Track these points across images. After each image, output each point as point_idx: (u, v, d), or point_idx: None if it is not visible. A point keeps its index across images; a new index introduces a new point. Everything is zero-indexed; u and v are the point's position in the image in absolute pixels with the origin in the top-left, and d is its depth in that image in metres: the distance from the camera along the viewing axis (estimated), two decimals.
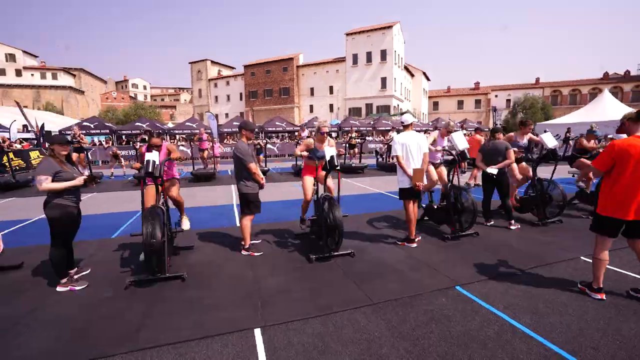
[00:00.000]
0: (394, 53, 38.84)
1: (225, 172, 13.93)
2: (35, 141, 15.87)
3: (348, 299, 3.03)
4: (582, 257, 3.92)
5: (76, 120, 25.87)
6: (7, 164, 10.76)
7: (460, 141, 4.56)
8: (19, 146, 14.39)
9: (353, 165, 12.56)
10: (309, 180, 4.51)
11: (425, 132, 23.67)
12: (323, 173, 4.31)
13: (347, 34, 41.01)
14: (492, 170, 4.85)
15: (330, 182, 4.60)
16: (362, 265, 3.82)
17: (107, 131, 18.77)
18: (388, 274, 3.55)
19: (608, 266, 3.54)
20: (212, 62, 51.88)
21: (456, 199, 4.68)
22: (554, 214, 5.34)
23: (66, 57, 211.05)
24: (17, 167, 13.70)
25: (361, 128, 23.92)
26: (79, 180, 3.23)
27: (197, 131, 20.72)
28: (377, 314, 2.78)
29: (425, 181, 4.24)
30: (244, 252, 4.21)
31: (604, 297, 2.93)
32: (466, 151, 4.56)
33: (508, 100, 45.13)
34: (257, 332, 2.57)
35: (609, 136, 8.44)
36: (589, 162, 3.12)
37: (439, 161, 5.13)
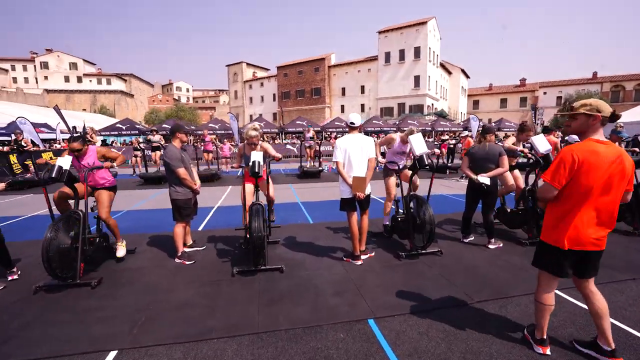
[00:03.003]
0: (429, 50, 36.95)
1: (235, 172, 14.09)
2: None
3: (236, 323, 2.69)
4: (556, 291, 3.15)
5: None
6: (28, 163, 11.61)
7: (419, 145, 3.94)
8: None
9: None
10: (247, 187, 4.22)
11: (455, 133, 22.11)
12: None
13: (380, 32, 39.84)
14: (484, 179, 4.11)
15: (271, 189, 4.27)
16: (287, 283, 3.43)
17: (137, 132, 20.06)
18: (306, 297, 3.13)
19: (575, 302, 2.85)
20: (247, 64, 53.42)
21: (417, 211, 4.09)
22: None
23: (120, 63, 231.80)
24: None
25: (385, 128, 23.00)
26: None
27: (222, 132, 21.42)
28: (253, 345, 2.40)
29: (369, 190, 3.72)
30: (176, 260, 4.03)
31: (548, 352, 2.27)
32: (425, 156, 3.93)
33: (559, 98, 40.76)
34: (111, 355, 2.33)
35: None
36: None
37: (401, 167, 4.52)
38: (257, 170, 3.51)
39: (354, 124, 3.82)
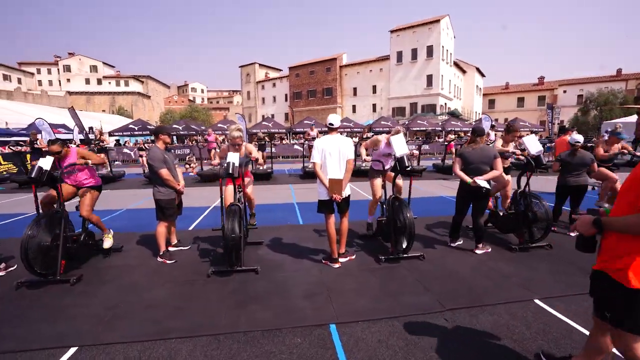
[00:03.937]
0: (442, 49, 36.29)
1: None
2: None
3: (198, 324, 2.69)
4: (536, 300, 3.02)
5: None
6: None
7: (399, 146, 3.84)
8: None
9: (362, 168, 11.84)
10: (229, 187, 4.24)
11: (466, 133, 21.60)
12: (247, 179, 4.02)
13: (392, 31, 39.45)
14: (483, 183, 3.89)
15: (250, 190, 4.28)
16: (260, 284, 3.42)
17: (148, 132, 20.59)
18: (275, 299, 3.11)
19: (554, 312, 2.73)
20: (260, 65, 53.95)
21: (398, 214, 3.99)
22: (538, 237, 4.30)
23: (137, 65, 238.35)
24: None
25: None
26: None
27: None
28: (209, 347, 2.40)
29: (348, 191, 3.67)
30: (158, 259, 4.09)
31: None
32: (405, 158, 3.83)
33: (580, 96, 39.21)
34: (71, 351, 2.38)
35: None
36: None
37: (387, 168, 4.43)
38: (230, 172, 3.52)
39: (332, 125, 3.77)
